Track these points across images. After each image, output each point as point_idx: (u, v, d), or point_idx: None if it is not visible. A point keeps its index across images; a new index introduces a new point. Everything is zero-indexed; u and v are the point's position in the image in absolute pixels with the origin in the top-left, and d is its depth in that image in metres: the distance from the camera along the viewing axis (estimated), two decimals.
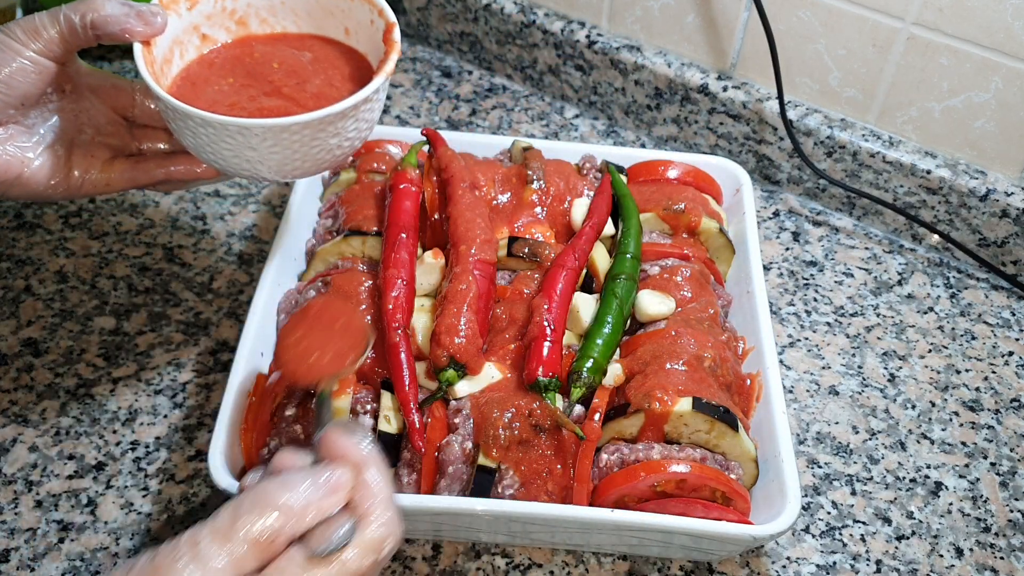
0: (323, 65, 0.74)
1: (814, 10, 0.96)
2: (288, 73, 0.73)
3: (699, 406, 0.70)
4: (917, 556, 0.76)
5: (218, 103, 0.70)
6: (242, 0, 0.75)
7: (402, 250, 0.79)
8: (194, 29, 0.73)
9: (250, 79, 0.72)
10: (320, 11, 0.76)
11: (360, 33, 0.75)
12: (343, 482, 0.52)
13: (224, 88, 0.72)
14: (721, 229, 0.86)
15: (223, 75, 0.73)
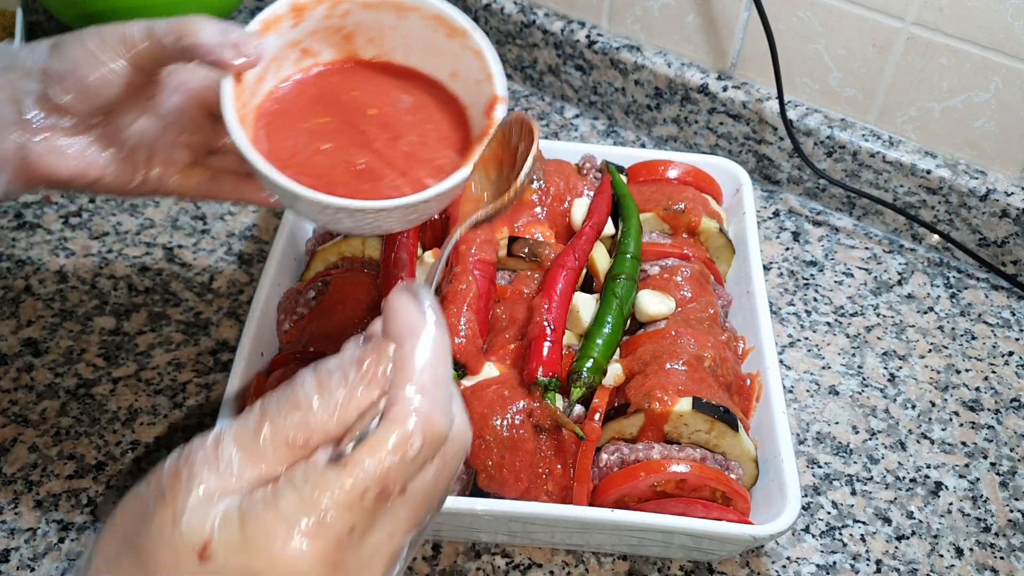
0: (420, 117, 0.69)
1: (814, 10, 0.96)
2: (383, 125, 0.68)
3: (699, 406, 0.70)
4: (917, 556, 0.76)
5: (306, 146, 0.66)
6: (352, 19, 0.68)
7: (402, 250, 0.79)
8: (295, 45, 0.67)
9: (343, 123, 0.67)
10: (431, 46, 0.69)
11: (467, 83, 0.68)
12: (382, 366, 0.43)
13: (315, 128, 0.67)
14: (721, 229, 0.86)
15: (316, 110, 0.68)
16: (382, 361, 0.44)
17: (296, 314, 0.80)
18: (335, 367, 0.44)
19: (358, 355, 0.44)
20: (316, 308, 0.78)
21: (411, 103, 0.69)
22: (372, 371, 0.43)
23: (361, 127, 0.67)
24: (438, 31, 0.67)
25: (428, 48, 0.69)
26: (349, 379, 0.43)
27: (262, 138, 0.65)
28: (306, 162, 0.64)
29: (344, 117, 0.68)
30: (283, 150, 0.64)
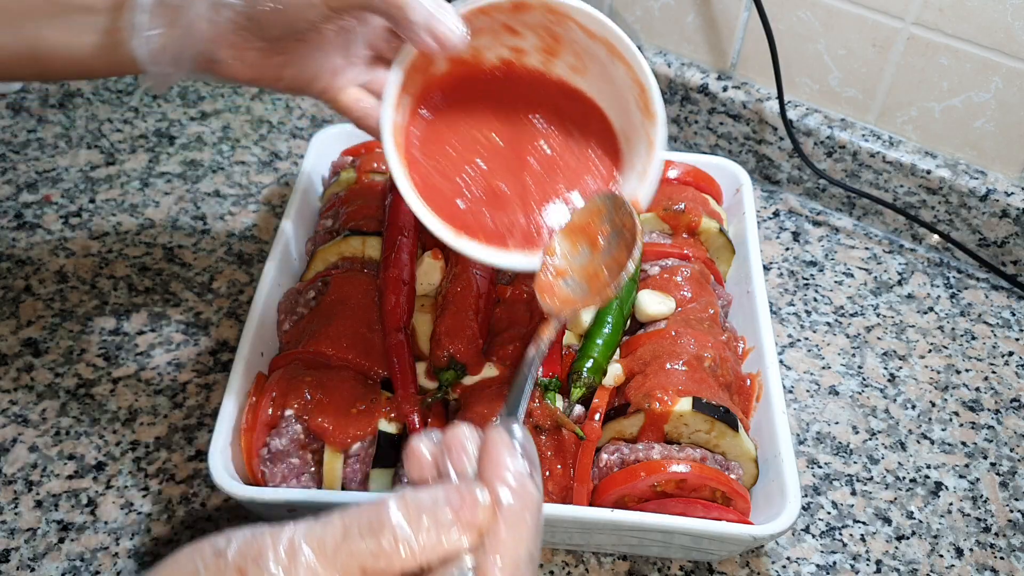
0: (576, 152, 0.69)
1: (814, 10, 0.96)
2: (545, 160, 0.68)
3: (699, 406, 0.70)
4: (917, 556, 0.76)
5: (469, 159, 0.66)
6: (531, 18, 0.65)
7: (402, 250, 0.79)
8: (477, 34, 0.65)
9: (510, 145, 0.67)
10: (599, 68, 0.67)
11: (630, 121, 0.68)
12: (474, 518, 0.43)
13: (480, 140, 0.67)
14: (721, 229, 0.86)
15: (485, 120, 0.68)
16: (475, 512, 0.43)
17: (296, 314, 0.80)
18: (427, 503, 0.43)
19: (451, 497, 0.43)
20: (316, 308, 0.78)
21: (573, 135, 0.69)
22: (464, 519, 0.43)
23: (525, 156, 0.68)
24: (613, 62, 0.66)
25: (595, 67, 0.68)
26: (439, 520, 0.43)
27: (420, 128, 0.66)
28: (452, 168, 0.65)
29: (514, 134, 0.68)
30: (438, 153, 0.65)
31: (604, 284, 0.65)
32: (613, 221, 0.67)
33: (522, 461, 0.46)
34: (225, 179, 1.03)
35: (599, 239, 0.68)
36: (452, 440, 0.47)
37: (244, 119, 1.11)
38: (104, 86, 1.14)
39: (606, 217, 0.68)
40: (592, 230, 0.68)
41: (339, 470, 0.70)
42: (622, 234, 0.66)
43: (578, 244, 0.69)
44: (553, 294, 0.66)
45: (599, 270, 0.66)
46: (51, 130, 1.07)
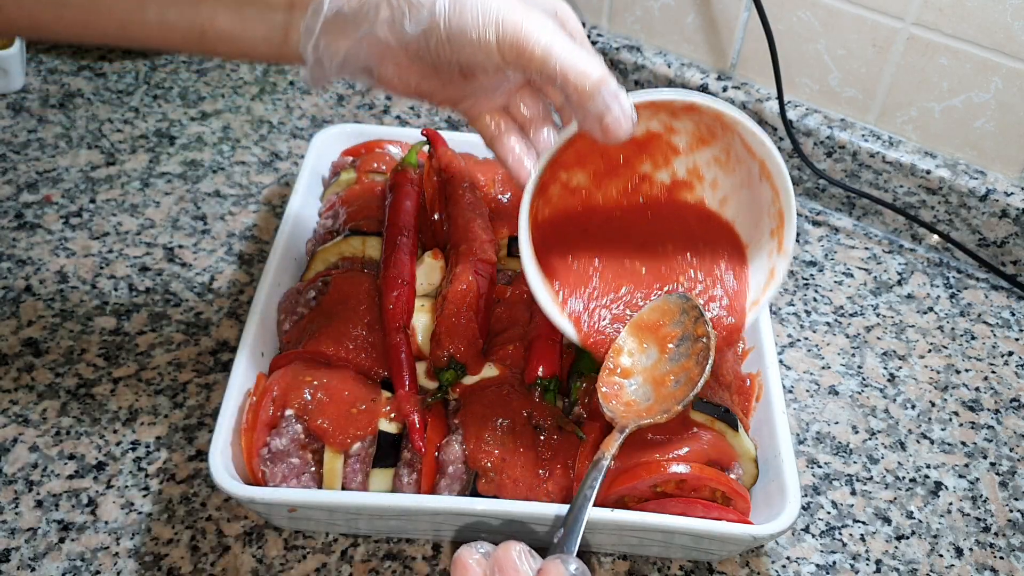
0: (704, 265, 0.68)
1: (814, 10, 0.96)
2: (671, 269, 0.68)
3: (699, 406, 0.70)
4: (917, 556, 0.76)
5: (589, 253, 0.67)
6: (690, 122, 0.65)
7: (402, 250, 0.79)
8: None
9: (634, 247, 0.68)
10: (743, 182, 0.67)
11: (757, 244, 0.68)
12: None
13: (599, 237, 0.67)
14: None
15: (615, 243, 0.68)
16: None
17: (296, 314, 0.80)
18: None
19: None
20: (316, 308, 0.78)
21: (696, 250, 0.68)
22: None
23: (648, 261, 0.68)
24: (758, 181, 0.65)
25: (746, 198, 0.67)
26: None
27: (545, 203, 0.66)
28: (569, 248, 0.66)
29: (632, 239, 0.68)
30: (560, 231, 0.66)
31: (670, 396, 0.65)
32: (684, 325, 0.66)
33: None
34: (225, 179, 1.03)
35: (668, 343, 0.67)
36: (506, 561, 0.48)
37: (244, 119, 1.11)
38: (104, 86, 1.14)
39: (677, 320, 0.67)
40: (662, 332, 0.67)
41: (339, 470, 0.70)
42: (693, 343, 0.65)
43: (645, 343, 0.67)
44: (619, 398, 0.65)
45: (666, 377, 0.66)
46: (51, 130, 1.07)
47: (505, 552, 0.48)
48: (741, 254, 0.68)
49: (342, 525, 0.72)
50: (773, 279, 0.67)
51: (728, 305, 0.68)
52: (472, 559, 0.48)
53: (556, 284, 0.68)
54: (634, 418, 0.65)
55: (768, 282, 0.67)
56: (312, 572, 0.72)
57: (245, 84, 1.16)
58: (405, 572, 0.73)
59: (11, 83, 1.11)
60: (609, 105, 0.56)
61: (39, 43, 1.18)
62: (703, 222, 0.69)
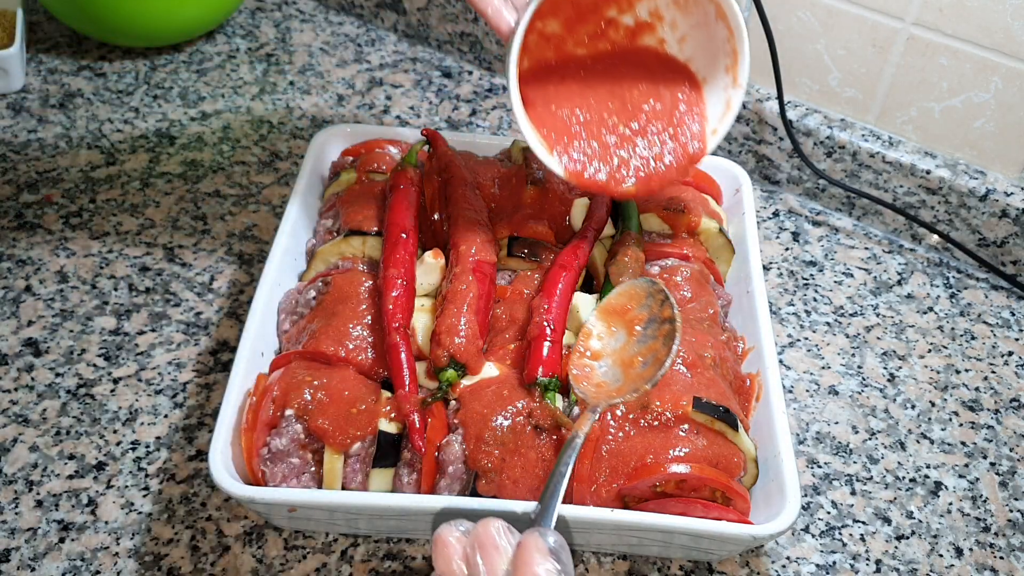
0: (664, 99, 0.75)
1: (814, 10, 0.96)
2: (636, 104, 0.74)
3: (699, 406, 0.70)
4: (917, 556, 0.76)
5: (572, 99, 0.72)
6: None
7: (402, 250, 0.79)
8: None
9: (606, 90, 0.74)
10: (701, 22, 0.74)
11: (714, 79, 0.74)
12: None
13: (581, 83, 0.73)
14: (721, 229, 0.86)
15: (587, 86, 0.74)
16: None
17: (296, 314, 0.80)
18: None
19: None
20: (316, 308, 0.78)
21: (658, 87, 0.75)
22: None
23: (616, 97, 0.75)
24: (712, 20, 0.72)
25: (698, 28, 0.74)
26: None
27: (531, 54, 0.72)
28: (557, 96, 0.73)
29: (605, 85, 0.74)
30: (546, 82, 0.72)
31: (639, 376, 0.68)
32: (651, 308, 0.71)
33: (555, 567, 0.46)
34: (225, 179, 1.03)
35: (636, 326, 0.71)
36: (485, 537, 0.48)
37: (244, 119, 1.11)
38: (104, 86, 1.14)
39: (644, 304, 0.71)
40: (629, 315, 0.72)
41: (339, 470, 0.70)
42: (660, 325, 0.69)
43: (613, 327, 0.72)
44: (589, 379, 0.69)
45: (634, 358, 0.70)
46: (52, 130, 1.08)
47: (485, 528, 0.48)
48: (698, 89, 0.75)
49: (342, 525, 0.72)
50: (729, 110, 0.74)
51: (695, 133, 0.75)
52: (452, 536, 0.49)
53: (544, 131, 0.73)
54: (605, 398, 0.68)
55: (725, 113, 0.74)
56: (312, 572, 0.72)
57: (245, 84, 1.16)
58: (405, 572, 0.73)
59: (11, 83, 1.11)
60: None
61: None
62: (663, 63, 0.75)
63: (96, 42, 1.19)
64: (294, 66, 1.18)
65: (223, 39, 1.22)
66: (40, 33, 1.20)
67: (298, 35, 1.23)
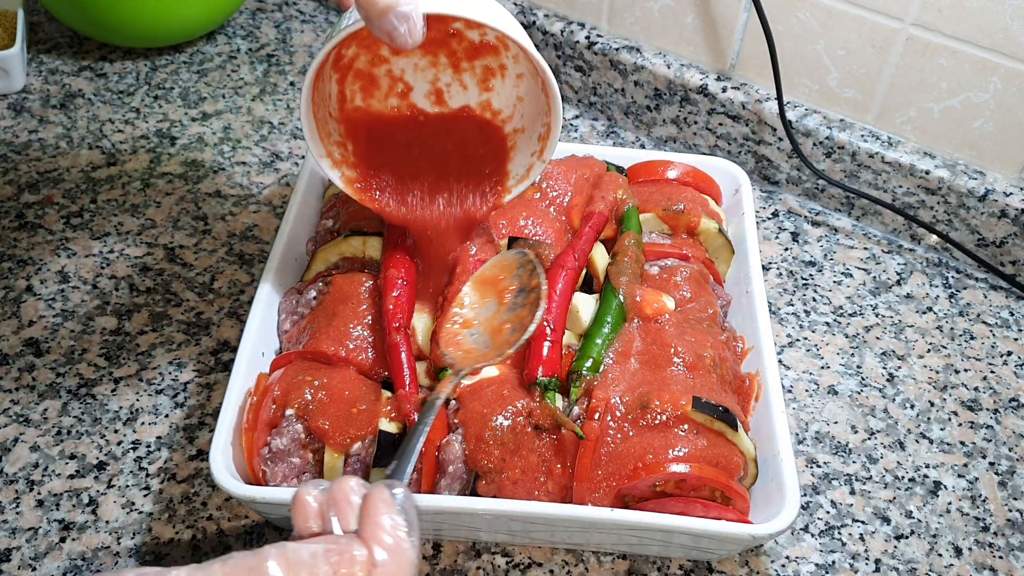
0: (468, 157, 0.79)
1: (813, 11, 0.97)
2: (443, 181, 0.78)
3: (699, 405, 0.70)
4: (916, 555, 0.76)
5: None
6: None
7: (402, 250, 0.79)
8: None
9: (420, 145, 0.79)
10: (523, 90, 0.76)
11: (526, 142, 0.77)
12: (351, 570, 0.46)
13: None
14: (720, 229, 0.87)
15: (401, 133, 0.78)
16: (352, 569, 0.46)
17: (297, 314, 0.80)
18: (306, 558, 0.46)
19: (330, 554, 0.46)
20: (317, 308, 0.79)
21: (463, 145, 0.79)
22: (340, 573, 0.46)
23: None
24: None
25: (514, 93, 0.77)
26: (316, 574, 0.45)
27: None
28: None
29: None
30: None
31: (505, 342, 0.70)
32: (521, 279, 0.73)
33: (401, 520, 0.48)
34: (226, 179, 1.03)
35: (506, 295, 0.74)
36: (339, 493, 0.50)
37: (245, 120, 1.11)
38: (105, 87, 1.14)
39: (515, 274, 0.74)
40: (501, 285, 0.75)
41: (340, 470, 0.70)
42: (528, 294, 0.72)
43: (486, 297, 0.74)
44: (458, 346, 0.71)
45: (503, 326, 0.72)
46: (52, 131, 1.08)
47: (339, 485, 0.50)
48: (504, 152, 0.78)
49: None
50: (527, 178, 0.77)
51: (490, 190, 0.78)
52: (310, 496, 0.51)
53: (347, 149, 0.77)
54: (471, 363, 0.70)
55: (523, 179, 0.77)
56: None
57: (246, 85, 1.16)
58: None
59: (12, 83, 1.11)
60: (396, 27, 0.59)
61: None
62: (481, 130, 0.78)
63: (97, 43, 1.19)
64: (294, 67, 1.19)
65: (224, 40, 1.22)
66: (41, 34, 1.20)
67: (298, 36, 1.23)
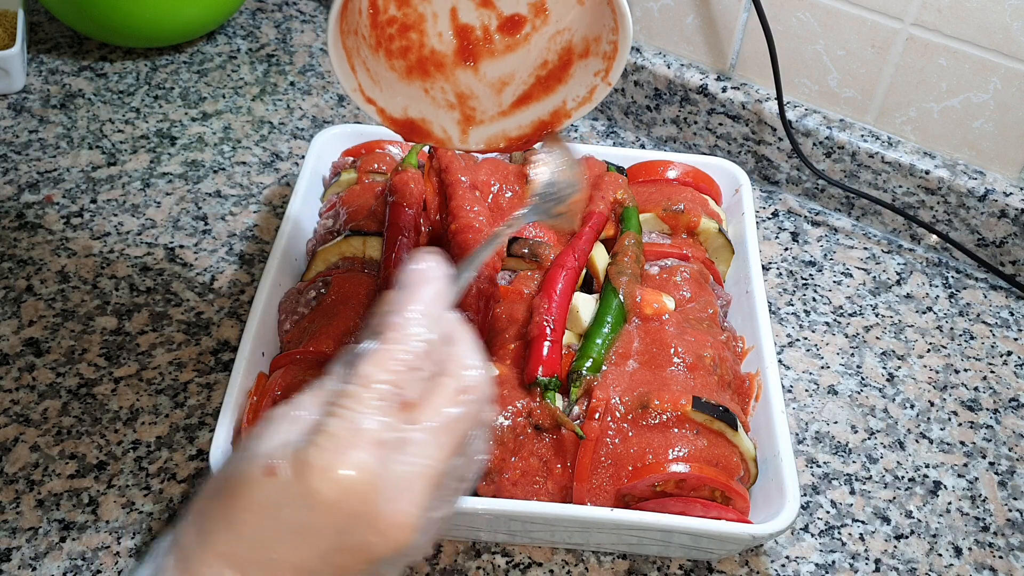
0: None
1: (813, 11, 0.97)
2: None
3: (699, 405, 0.70)
4: (916, 555, 0.76)
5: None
6: None
7: (402, 250, 0.79)
8: None
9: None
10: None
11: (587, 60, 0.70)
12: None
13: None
14: (720, 229, 0.87)
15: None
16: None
17: (297, 314, 0.80)
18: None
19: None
20: (317, 308, 0.79)
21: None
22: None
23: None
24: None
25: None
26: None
27: None
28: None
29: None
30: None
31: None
32: None
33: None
34: (226, 179, 1.03)
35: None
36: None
37: (245, 120, 1.11)
38: (105, 87, 1.14)
39: None
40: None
41: None
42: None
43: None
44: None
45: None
46: (52, 131, 1.08)
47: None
48: (567, 66, 0.70)
49: None
50: (590, 101, 0.68)
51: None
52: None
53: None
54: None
55: (585, 102, 0.69)
56: None
57: (246, 85, 1.16)
58: (405, 571, 0.73)
59: (12, 83, 1.11)
60: None
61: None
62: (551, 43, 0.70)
63: (97, 43, 1.19)
64: (295, 67, 1.19)
65: (224, 40, 1.22)
66: (41, 34, 1.20)
67: (299, 36, 1.24)
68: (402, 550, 0.45)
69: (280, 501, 0.43)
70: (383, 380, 0.45)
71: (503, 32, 0.71)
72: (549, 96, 0.70)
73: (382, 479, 0.44)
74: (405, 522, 0.44)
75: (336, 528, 0.43)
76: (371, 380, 0.45)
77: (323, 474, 0.43)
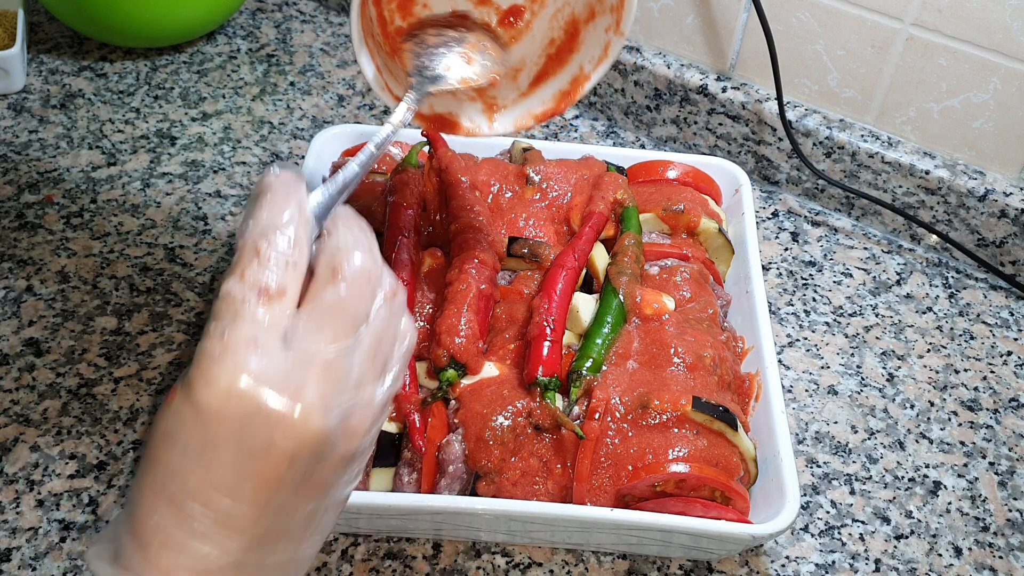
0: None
1: (813, 11, 0.97)
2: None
3: (699, 405, 0.70)
4: (916, 555, 0.76)
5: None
6: None
7: (402, 250, 0.79)
8: None
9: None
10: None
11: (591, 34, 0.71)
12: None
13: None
14: (720, 229, 0.87)
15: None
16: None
17: None
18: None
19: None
20: None
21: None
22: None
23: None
24: None
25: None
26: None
27: None
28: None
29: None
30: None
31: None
32: None
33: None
34: (226, 179, 1.03)
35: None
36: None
37: (245, 120, 1.11)
38: (105, 87, 1.14)
39: None
40: None
41: None
42: None
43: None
44: None
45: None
46: (52, 131, 1.08)
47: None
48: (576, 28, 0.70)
49: (342, 524, 0.73)
50: (606, 57, 0.68)
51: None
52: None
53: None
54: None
55: (601, 59, 0.69)
56: (312, 571, 0.72)
57: (246, 85, 1.16)
58: (405, 571, 0.73)
59: (12, 83, 1.11)
60: None
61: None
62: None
63: (97, 43, 1.19)
64: (295, 67, 1.19)
65: (224, 40, 1.22)
66: (41, 34, 1.20)
67: (299, 36, 1.24)
68: (318, 442, 0.45)
69: (177, 426, 0.44)
70: (245, 286, 0.45)
71: (504, 25, 0.72)
72: (565, 67, 0.71)
73: (264, 375, 0.43)
74: (303, 411, 0.44)
75: (233, 435, 0.43)
76: (230, 292, 0.45)
77: (205, 386, 0.43)
